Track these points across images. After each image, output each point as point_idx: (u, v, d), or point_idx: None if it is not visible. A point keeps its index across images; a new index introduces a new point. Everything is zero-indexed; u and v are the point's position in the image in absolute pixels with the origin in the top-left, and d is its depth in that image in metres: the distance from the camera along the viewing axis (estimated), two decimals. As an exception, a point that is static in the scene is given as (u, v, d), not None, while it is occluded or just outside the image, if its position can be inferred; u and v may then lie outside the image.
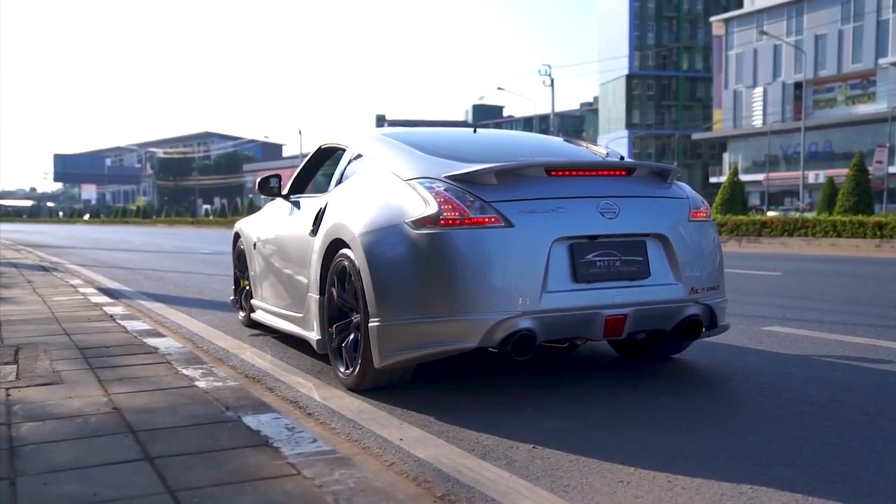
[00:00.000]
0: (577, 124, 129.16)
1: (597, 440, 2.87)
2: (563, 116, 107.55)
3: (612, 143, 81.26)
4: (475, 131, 4.82)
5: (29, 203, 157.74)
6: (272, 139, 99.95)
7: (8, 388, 3.27)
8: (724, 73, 65.29)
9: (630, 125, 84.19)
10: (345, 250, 3.75)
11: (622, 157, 4.46)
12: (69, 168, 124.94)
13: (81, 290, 7.80)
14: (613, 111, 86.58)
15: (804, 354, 4.49)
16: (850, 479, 2.44)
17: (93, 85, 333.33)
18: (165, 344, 4.44)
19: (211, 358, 4.44)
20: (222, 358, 4.51)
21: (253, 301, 5.53)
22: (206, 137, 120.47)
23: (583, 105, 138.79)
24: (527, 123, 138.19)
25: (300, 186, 5.28)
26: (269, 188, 5.24)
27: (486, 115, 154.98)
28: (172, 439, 2.52)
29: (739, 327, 5.49)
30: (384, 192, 3.74)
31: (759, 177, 55.05)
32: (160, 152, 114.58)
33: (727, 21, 65.10)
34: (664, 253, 3.65)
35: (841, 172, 33.01)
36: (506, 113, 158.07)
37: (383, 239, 3.52)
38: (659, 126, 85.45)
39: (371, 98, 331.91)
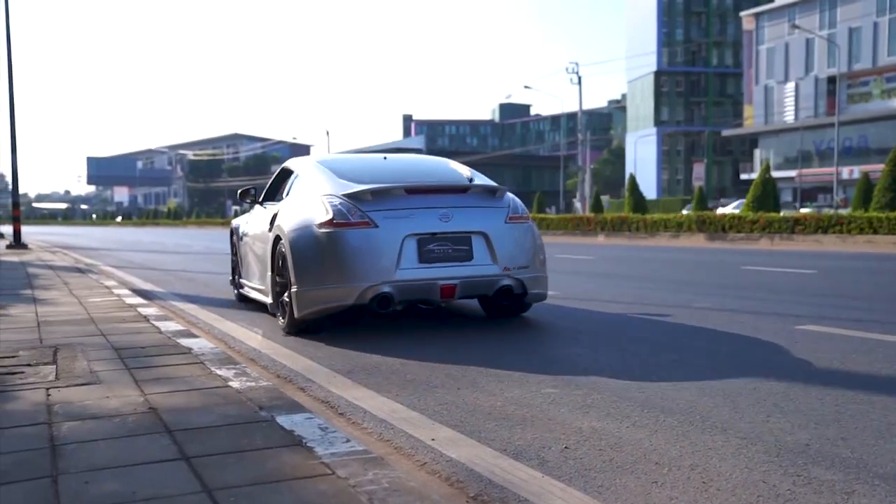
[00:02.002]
0: (604, 122, 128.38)
1: (631, 440, 2.86)
2: (590, 114, 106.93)
3: (641, 140, 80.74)
4: (385, 158, 6.75)
5: (63, 206, 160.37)
6: (300, 140, 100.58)
7: (48, 388, 3.33)
8: (755, 68, 64.51)
9: (658, 122, 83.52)
10: (281, 242, 5.52)
11: (471, 179, 6.08)
12: (102, 171, 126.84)
13: (116, 291, 7.92)
14: (642, 108, 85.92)
15: (840, 353, 4.43)
16: (892, 480, 2.40)
17: (124, 88, 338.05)
18: (199, 344, 4.49)
19: (243, 358, 4.49)
20: (254, 358, 4.54)
21: (241, 280, 7.36)
22: (234, 139, 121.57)
23: (610, 102, 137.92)
24: (554, 122, 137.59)
25: (270, 196, 7.03)
26: (249, 196, 7.22)
27: (514, 114, 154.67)
28: (208, 439, 2.55)
29: (773, 326, 5.43)
30: (305, 204, 5.59)
31: (792, 173, 54.33)
32: (190, 154, 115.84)
33: (758, 15, 64.31)
34: (484, 244, 5.41)
35: (877, 168, 32.41)
36: (533, 111, 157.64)
37: (301, 235, 5.34)
38: (688, 123, 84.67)
39: (398, 98, 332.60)
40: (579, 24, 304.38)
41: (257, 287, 6.55)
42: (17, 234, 20.23)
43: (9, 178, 21.70)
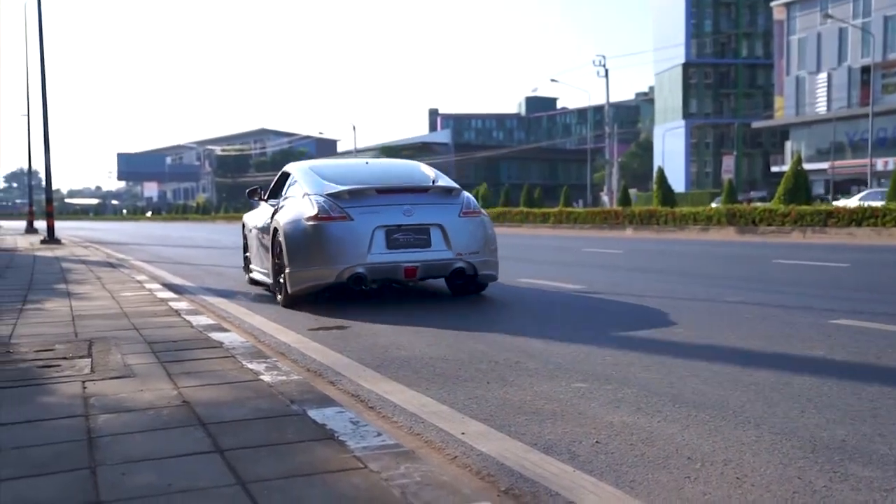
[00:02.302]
0: (632, 115, 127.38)
1: (663, 434, 2.84)
2: (617, 107, 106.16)
3: (669, 132, 80.00)
4: (367, 163, 7.94)
5: (95, 201, 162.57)
6: (327, 135, 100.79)
7: (84, 381, 3.38)
8: (786, 58, 63.57)
9: (687, 115, 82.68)
10: (278, 233, 6.74)
11: (435, 181, 7.16)
12: (132, 167, 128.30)
13: (147, 285, 8.01)
14: (670, 101, 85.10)
15: (876, 348, 4.36)
16: (929, 477, 2.36)
17: (153, 85, 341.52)
18: (229, 338, 4.53)
19: (273, 352, 4.52)
20: (284, 352, 4.58)
21: (251, 266, 8.60)
22: (262, 134, 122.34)
23: (638, 95, 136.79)
24: (581, 115, 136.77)
25: (273, 195, 8.14)
26: (257, 195, 8.56)
27: (540, 107, 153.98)
28: (241, 432, 2.57)
29: (806, 320, 5.36)
30: (297, 202, 6.81)
31: (824, 165, 53.52)
32: (218, 150, 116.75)
33: (788, 5, 63.32)
34: (441, 234, 6.55)
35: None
36: (559, 105, 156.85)
37: (293, 227, 6.56)
38: (717, 115, 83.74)
39: (425, 92, 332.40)
40: (606, 16, 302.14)
41: (262, 271, 7.85)
42: (50, 229, 20.55)
43: (42, 175, 22.05)
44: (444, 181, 7.24)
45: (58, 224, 22.04)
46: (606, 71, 48.10)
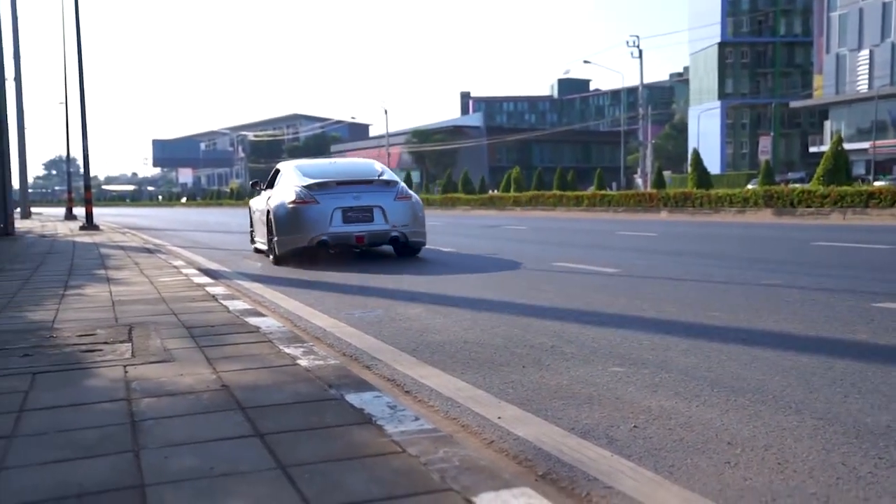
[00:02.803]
0: (666, 96, 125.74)
1: (702, 419, 2.81)
2: (651, 88, 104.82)
3: (704, 113, 78.86)
4: (334, 162, 11.03)
5: (131, 187, 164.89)
6: (359, 119, 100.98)
7: (125, 366, 3.43)
8: (826, 36, 62.18)
9: (723, 95, 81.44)
10: (270, 213, 9.49)
11: (381, 175, 9.93)
12: (167, 153, 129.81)
13: (184, 271, 8.11)
14: (705, 81, 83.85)
15: (920, 332, 4.27)
16: (978, 464, 2.31)
17: (187, 72, 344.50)
18: (266, 323, 4.57)
19: (309, 337, 4.55)
20: (319, 336, 4.60)
21: (254, 238, 11.54)
22: (294, 119, 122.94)
23: (672, 76, 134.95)
24: (614, 96, 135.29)
25: (269, 185, 10.84)
26: (258, 185, 11.57)
27: (573, 89, 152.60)
28: (280, 416, 2.59)
29: (847, 304, 5.27)
30: (284, 191, 9.56)
31: (865, 145, 52.40)
32: (251, 135, 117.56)
33: (829, -19, 61.87)
34: (381, 212, 9.20)
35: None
36: (592, 86, 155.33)
37: (279, 208, 9.28)
38: (754, 95, 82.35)
39: (456, 75, 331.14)
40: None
41: (261, 241, 10.75)
42: (88, 215, 20.89)
43: (80, 162, 22.43)
44: (388, 175, 10.14)
45: (95, 210, 22.40)
46: (640, 51, 47.49)
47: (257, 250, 11.32)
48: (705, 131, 78.23)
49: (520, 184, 44.94)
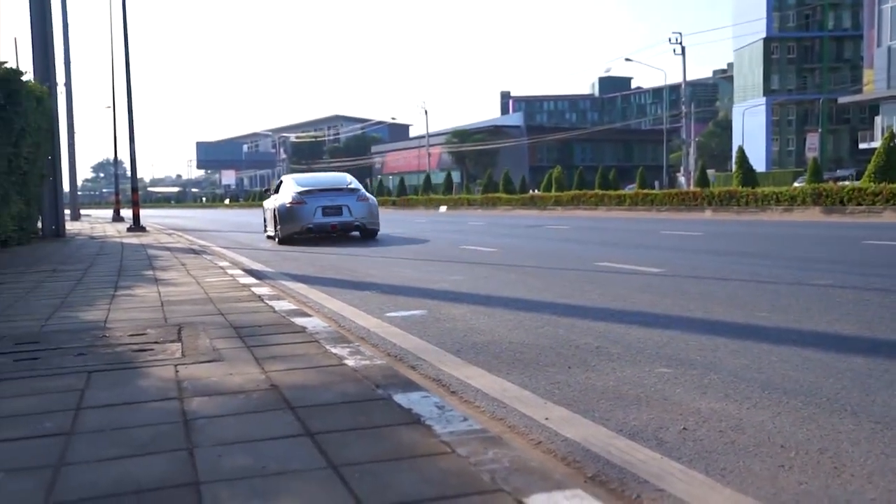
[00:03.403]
0: (709, 93, 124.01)
1: (753, 422, 2.77)
2: (694, 85, 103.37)
3: (749, 110, 77.57)
4: (318, 175, 17.04)
5: (175, 189, 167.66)
6: (399, 120, 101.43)
7: (176, 365, 3.49)
8: (877, 28, 60.58)
9: (768, 91, 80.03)
10: (276, 210, 14.87)
11: (349, 184, 15.14)
12: (210, 155, 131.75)
13: (229, 271, 8.23)
14: (749, 77, 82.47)
15: (979, 333, 4.15)
16: None
17: (230, 74, 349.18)
18: (312, 323, 4.61)
19: (354, 337, 4.58)
20: (364, 337, 4.63)
21: (266, 228, 16.35)
22: (335, 121, 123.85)
23: (716, 73, 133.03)
24: (656, 94, 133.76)
25: (276, 191, 15.82)
26: (268, 192, 17.39)
27: (614, 88, 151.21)
28: (329, 416, 2.61)
29: (901, 304, 5.13)
30: (284, 195, 14.96)
31: (917, 141, 50.96)
32: (293, 137, 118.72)
33: (880, -28, 60.30)
34: (348, 209, 14.41)
35: None
36: (634, 84, 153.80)
37: (281, 207, 14.64)
38: (800, 91, 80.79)
39: (496, 75, 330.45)
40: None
41: (270, 229, 15.71)
42: (136, 217, 21.30)
43: (127, 165, 22.91)
44: (354, 185, 15.22)
45: (142, 212, 22.81)
46: (683, 48, 46.89)
47: (269, 237, 16.16)
48: (750, 129, 76.93)
49: (561, 183, 44.71)
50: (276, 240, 14.88)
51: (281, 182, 16.00)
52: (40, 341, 4.26)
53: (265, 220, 16.83)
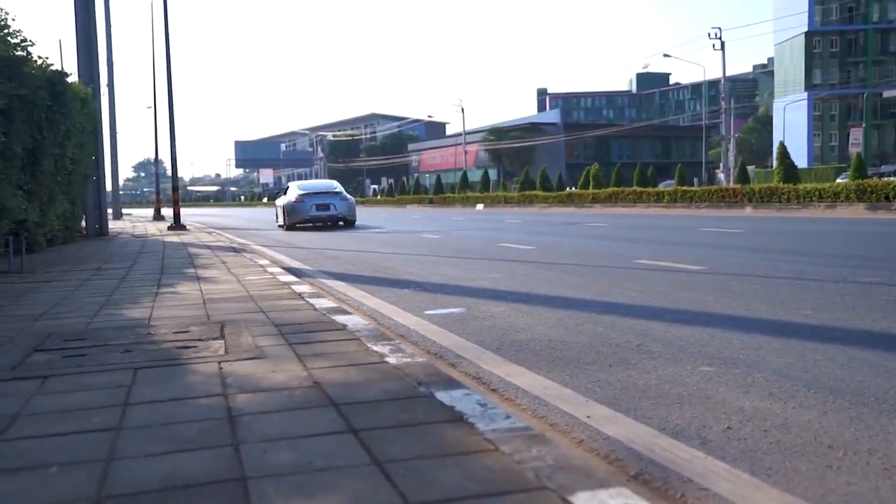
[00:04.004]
0: (749, 88, 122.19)
1: (799, 421, 2.73)
2: (734, 81, 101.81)
3: (790, 106, 76.26)
4: (313, 181, 25.19)
5: (214, 188, 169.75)
6: (436, 118, 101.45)
7: (220, 362, 3.54)
8: (923, 21, 59.11)
9: (810, 86, 78.58)
10: (284, 206, 21.88)
11: (335, 188, 22.31)
12: (248, 154, 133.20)
13: (269, 269, 8.32)
14: (791, 72, 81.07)
15: None
16: None
17: (268, 74, 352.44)
18: (352, 321, 4.65)
19: (394, 334, 4.60)
20: (404, 335, 4.65)
21: (277, 219, 23.20)
22: (372, 119, 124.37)
23: (756, 68, 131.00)
24: (695, 90, 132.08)
25: (284, 193, 22.96)
26: (279, 194, 24.94)
27: (652, 84, 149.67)
28: (372, 413, 2.64)
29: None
30: (289, 196, 21.93)
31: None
32: (330, 135, 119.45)
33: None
34: (335, 206, 21.26)
35: None
36: (672, 80, 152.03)
37: (287, 204, 21.56)
38: (843, 85, 79.18)
39: (533, 72, 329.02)
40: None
41: (279, 221, 22.14)
42: (176, 216, 21.64)
43: (167, 164, 23.47)
44: (338, 189, 22.01)
45: (181, 211, 23.17)
46: (722, 43, 46.24)
47: (279, 226, 22.31)
48: (791, 124, 75.59)
49: (598, 180, 44.40)
50: (284, 227, 21.50)
51: (287, 187, 23.08)
52: (87, 338, 4.35)
53: (276, 214, 23.70)
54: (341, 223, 21.40)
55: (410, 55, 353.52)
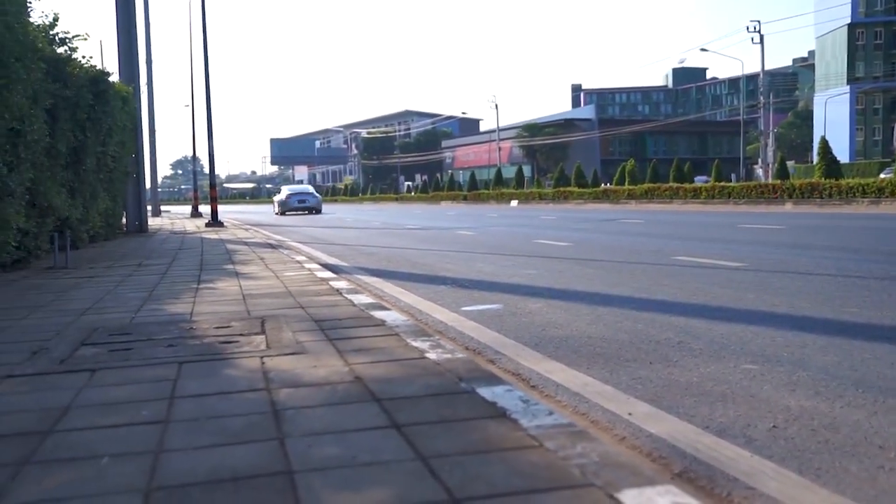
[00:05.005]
0: (788, 82, 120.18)
1: (847, 421, 2.68)
2: (773, 75, 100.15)
3: (831, 100, 74.89)
4: (295, 185, 55.71)
5: (250, 185, 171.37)
6: (469, 115, 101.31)
7: (262, 357, 3.58)
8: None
9: (852, 79, 77.07)
10: (280, 201, 39.52)
11: (311, 189, 41.94)
12: (284, 151, 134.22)
13: (306, 266, 8.38)
14: (832, 65, 79.58)
15: None
16: None
17: (302, 71, 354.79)
18: (391, 317, 4.67)
19: (433, 330, 4.60)
20: (442, 331, 4.65)
21: (274, 209, 40.83)
22: (406, 116, 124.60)
23: (795, 61, 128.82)
24: (732, 85, 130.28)
25: (277, 192, 44.26)
26: (276, 192, 50.03)
27: (688, 79, 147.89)
28: (414, 408, 2.64)
29: None
30: (282, 194, 40.36)
31: None
32: (364, 132, 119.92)
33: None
34: (309, 200, 38.55)
35: None
36: (709, 75, 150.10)
37: (280, 200, 39.60)
38: (888, 78, 77.55)
39: (567, 67, 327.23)
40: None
41: (275, 210, 39.24)
42: (214, 213, 21.90)
43: (203, 161, 23.72)
44: (312, 190, 41.26)
45: (219, 208, 23.43)
46: (761, 37, 45.54)
47: (275, 214, 37.14)
48: (832, 118, 74.24)
49: (634, 176, 44.02)
50: (278, 214, 36.27)
51: (280, 189, 40.44)
52: (132, 332, 4.43)
53: (274, 206, 39.60)
54: (313, 211, 36.85)
55: (444, 51, 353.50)
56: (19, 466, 2.21)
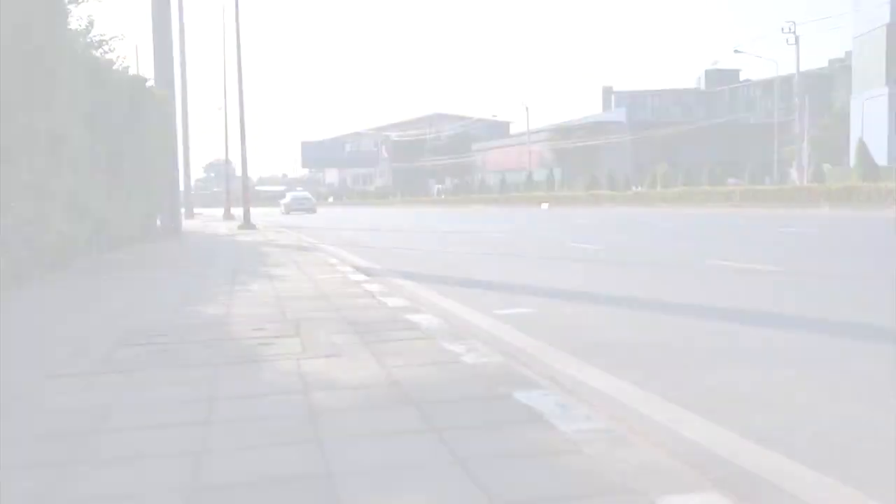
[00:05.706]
0: (824, 84, 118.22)
1: (890, 428, 2.63)
2: (808, 76, 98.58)
3: (869, 101, 73.58)
4: (296, 192, 61.42)
5: (282, 188, 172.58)
6: (500, 118, 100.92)
7: (298, 359, 3.61)
8: None
9: (892, 80, 75.59)
10: (285, 204, 53.69)
11: (308, 195, 57.36)
12: (314, 154, 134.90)
13: (339, 268, 8.42)
14: (870, 67, 78.01)
15: None
16: None
17: (333, 75, 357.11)
18: (425, 320, 4.67)
19: (468, 334, 4.59)
20: (476, 334, 4.64)
21: (281, 210, 51.55)
22: (435, 119, 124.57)
23: (832, 62, 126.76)
24: (766, 86, 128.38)
25: (282, 197, 60.86)
26: (282, 198, 60.63)
27: (721, 81, 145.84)
28: (451, 411, 2.65)
29: None
30: (286, 198, 56.40)
31: None
32: (394, 135, 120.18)
33: None
34: (306, 204, 52.10)
35: None
36: (742, 76, 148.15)
37: (284, 203, 54.00)
38: (927, 79, 75.94)
39: (598, 69, 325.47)
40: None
41: (281, 211, 49.79)
42: (246, 215, 22.09)
43: (235, 164, 23.99)
44: (308, 195, 56.46)
45: (251, 210, 23.64)
46: (797, 38, 44.93)
47: (281, 213, 46.39)
48: (870, 120, 72.76)
49: (666, 180, 43.64)
50: (283, 213, 46.22)
51: (285, 195, 56.03)
52: (169, 334, 4.48)
53: (281, 207, 51.22)
54: (309, 211, 46.64)
55: (474, 54, 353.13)
56: (69, 465, 2.25)
